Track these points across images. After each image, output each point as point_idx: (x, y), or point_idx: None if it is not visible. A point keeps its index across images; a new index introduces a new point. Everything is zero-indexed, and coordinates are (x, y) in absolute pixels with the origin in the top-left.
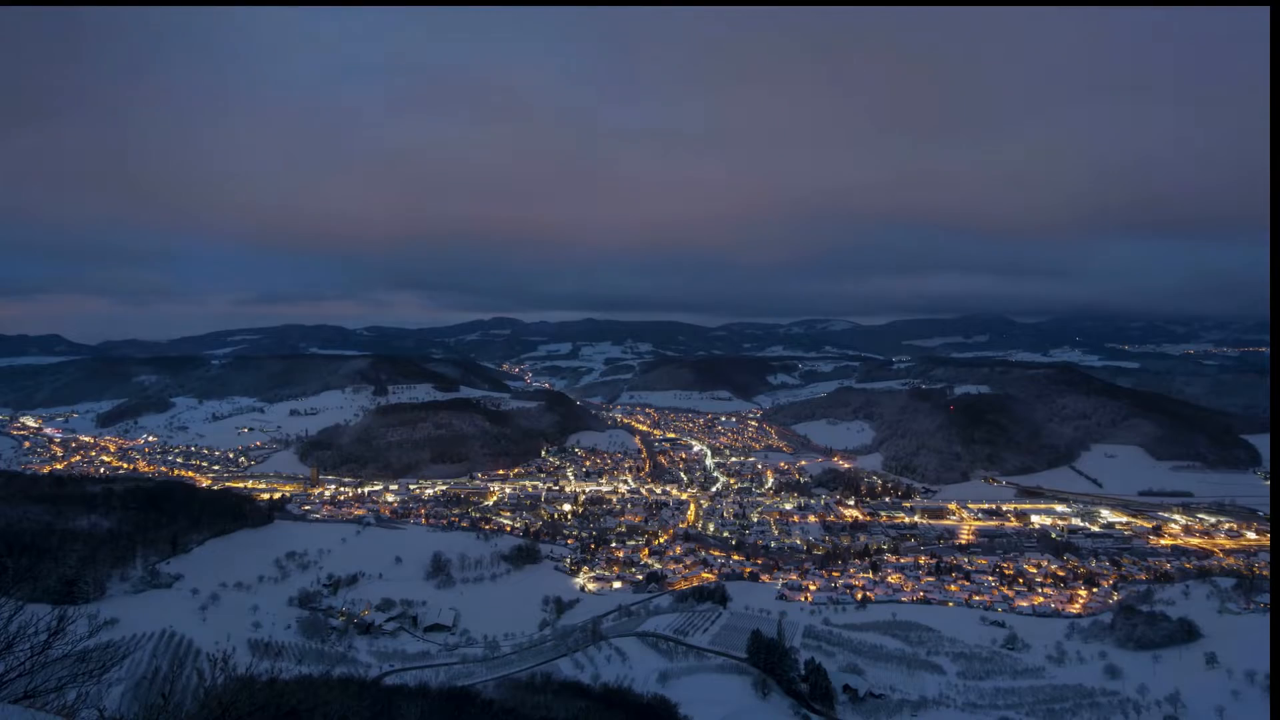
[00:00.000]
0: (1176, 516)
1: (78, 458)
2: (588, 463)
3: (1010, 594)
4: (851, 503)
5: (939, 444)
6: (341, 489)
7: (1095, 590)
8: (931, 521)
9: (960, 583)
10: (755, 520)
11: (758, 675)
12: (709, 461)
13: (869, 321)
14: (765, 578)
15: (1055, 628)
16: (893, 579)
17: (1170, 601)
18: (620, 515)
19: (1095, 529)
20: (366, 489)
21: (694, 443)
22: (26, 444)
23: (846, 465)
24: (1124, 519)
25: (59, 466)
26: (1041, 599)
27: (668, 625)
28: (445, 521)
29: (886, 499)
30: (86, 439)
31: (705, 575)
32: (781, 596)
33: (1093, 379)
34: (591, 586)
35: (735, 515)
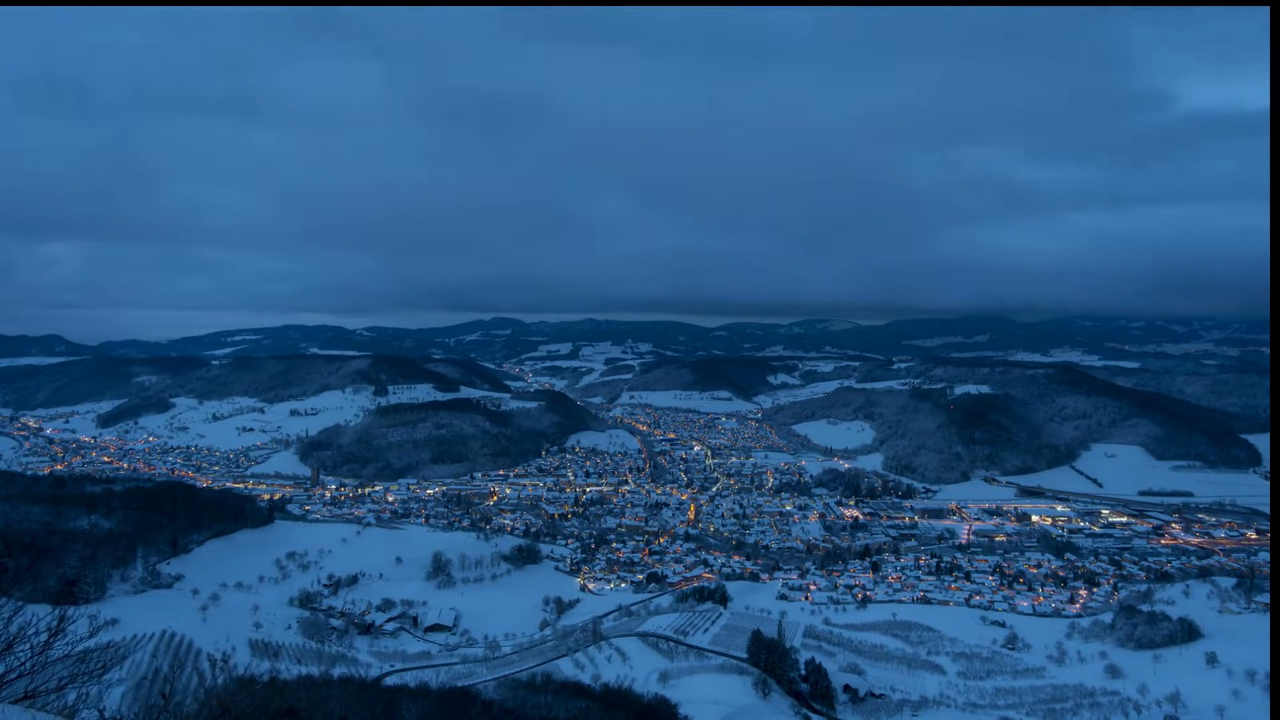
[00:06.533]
0: (1177, 516)
1: (78, 458)
2: (588, 463)
3: (1011, 594)
4: (852, 503)
5: (939, 444)
6: (342, 489)
7: (1096, 590)
8: (932, 521)
9: (961, 583)
10: (755, 520)
11: (758, 675)
12: (709, 461)
13: (869, 321)
14: (766, 578)
15: (1056, 627)
16: (893, 579)
17: (1170, 601)
18: (621, 515)
19: (1096, 529)
20: (367, 489)
21: (694, 443)
22: (27, 444)
23: (846, 465)
24: (1124, 519)
25: (59, 467)
26: (1042, 599)
27: (668, 625)
28: (446, 522)
29: (887, 499)
30: (86, 439)
31: (705, 575)
32: (782, 596)
33: (1093, 379)
34: (592, 586)
35: (735, 515)
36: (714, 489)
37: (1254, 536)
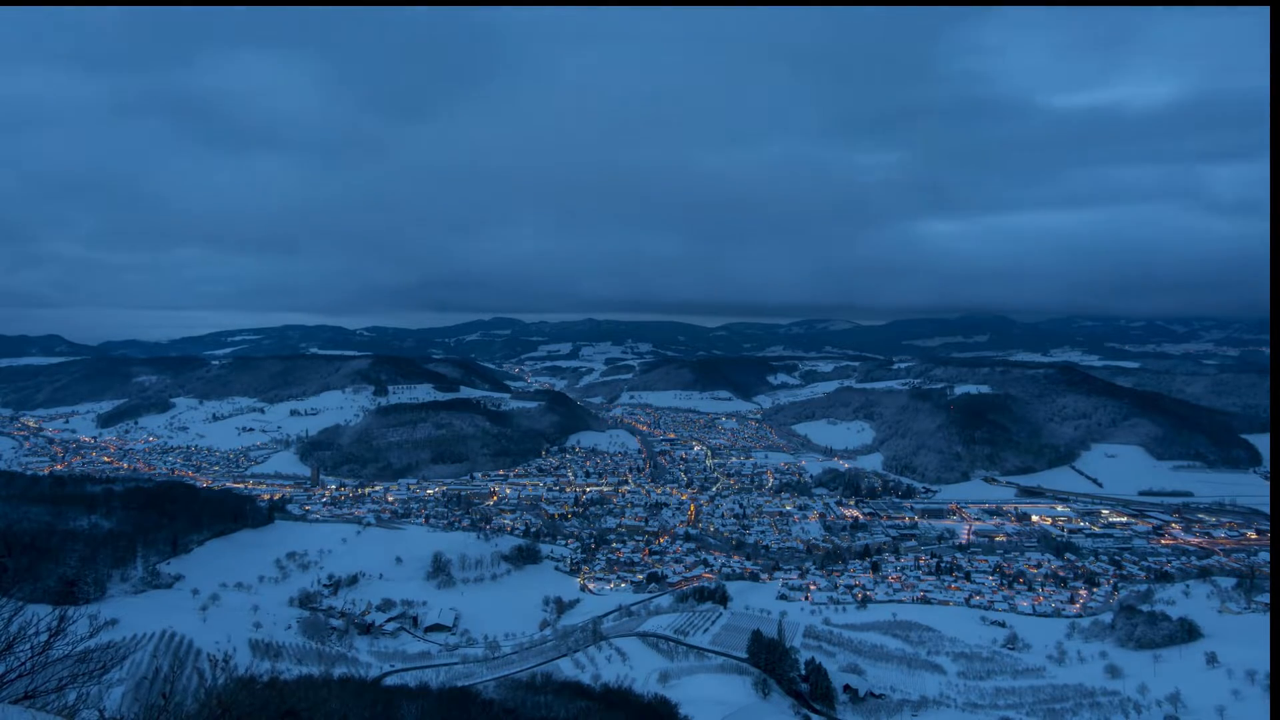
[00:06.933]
0: (1176, 516)
1: (78, 458)
2: (588, 463)
3: (1011, 594)
4: (852, 503)
5: (939, 444)
6: (342, 489)
7: (1096, 590)
8: (932, 521)
9: (961, 583)
10: (755, 520)
11: (758, 675)
12: (709, 461)
13: (869, 321)
14: (766, 578)
15: (1056, 627)
16: (893, 579)
17: (1171, 601)
18: (621, 515)
19: (1096, 529)
20: (367, 489)
21: (694, 443)
22: (27, 444)
23: (846, 465)
24: (1124, 519)
25: (59, 467)
26: (1042, 599)
27: (668, 625)
28: (446, 522)
29: (887, 499)
30: (86, 439)
31: (705, 575)
32: (782, 596)
33: (1093, 379)
34: (592, 586)
35: (735, 515)
36: (714, 489)
37: (1254, 536)
